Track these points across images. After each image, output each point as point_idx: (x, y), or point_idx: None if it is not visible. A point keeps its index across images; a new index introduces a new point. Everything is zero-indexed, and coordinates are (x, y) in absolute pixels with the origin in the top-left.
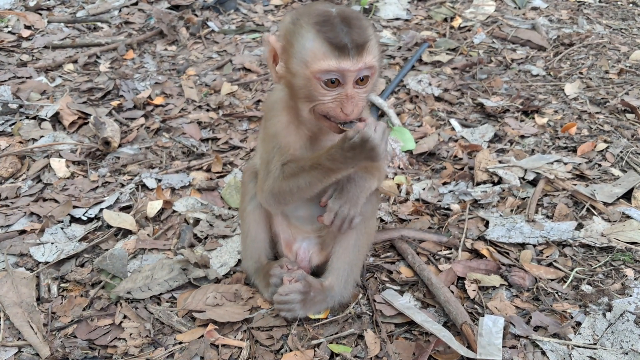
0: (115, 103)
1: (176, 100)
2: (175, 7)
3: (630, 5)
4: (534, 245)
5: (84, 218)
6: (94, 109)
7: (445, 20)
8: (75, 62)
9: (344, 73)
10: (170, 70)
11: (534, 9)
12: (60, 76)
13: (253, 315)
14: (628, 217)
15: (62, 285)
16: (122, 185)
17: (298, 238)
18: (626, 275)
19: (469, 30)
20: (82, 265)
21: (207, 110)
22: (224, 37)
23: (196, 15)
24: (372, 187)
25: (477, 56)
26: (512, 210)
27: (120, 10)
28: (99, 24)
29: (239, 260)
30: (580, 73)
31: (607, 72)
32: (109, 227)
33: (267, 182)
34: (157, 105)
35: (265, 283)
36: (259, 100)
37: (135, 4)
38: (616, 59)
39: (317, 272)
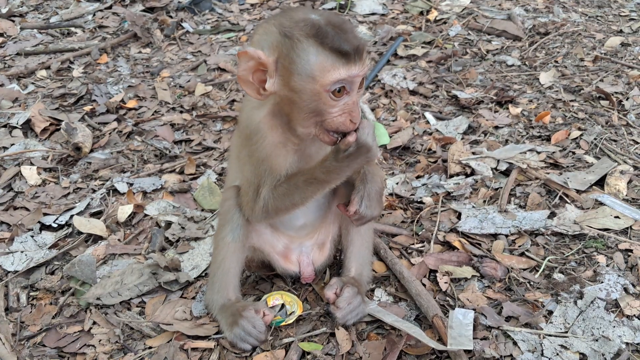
0: (88, 108)
1: (149, 102)
2: (150, 10)
3: None
4: (506, 236)
5: (55, 225)
6: (66, 114)
7: (422, 13)
8: (48, 68)
9: (353, 80)
10: (144, 72)
11: None
12: (32, 83)
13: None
14: (601, 204)
15: (32, 293)
16: (94, 191)
17: (293, 247)
18: (598, 262)
19: (445, 22)
20: (52, 273)
21: (181, 112)
22: (199, 37)
23: (170, 17)
24: (384, 177)
25: (452, 48)
26: (484, 202)
27: (94, 15)
28: (72, 29)
29: None
30: (556, 62)
31: (582, 59)
32: (80, 233)
33: (258, 203)
34: (130, 109)
35: (230, 321)
36: (233, 100)
37: (109, 7)
38: (591, 46)
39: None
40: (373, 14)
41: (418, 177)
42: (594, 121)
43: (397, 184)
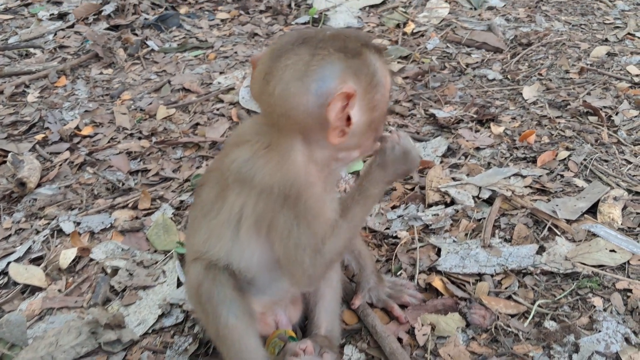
0: (40, 137)
1: (106, 129)
2: (115, 27)
3: None
4: (491, 275)
5: None
6: (15, 144)
7: (398, 26)
8: (1, 93)
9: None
10: (104, 96)
11: (490, 8)
12: None
13: None
14: (594, 235)
15: None
16: (37, 232)
17: (268, 311)
18: (594, 306)
19: (422, 35)
20: None
21: (139, 138)
22: (164, 56)
23: (136, 35)
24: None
25: (430, 63)
26: (466, 235)
27: (55, 34)
28: (31, 50)
29: (160, 316)
30: (540, 74)
31: (567, 71)
32: (16, 284)
33: (321, 261)
34: (84, 136)
35: None
36: (196, 124)
37: (72, 26)
38: (576, 57)
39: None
40: (348, 27)
41: (394, 207)
42: (582, 139)
43: (370, 216)
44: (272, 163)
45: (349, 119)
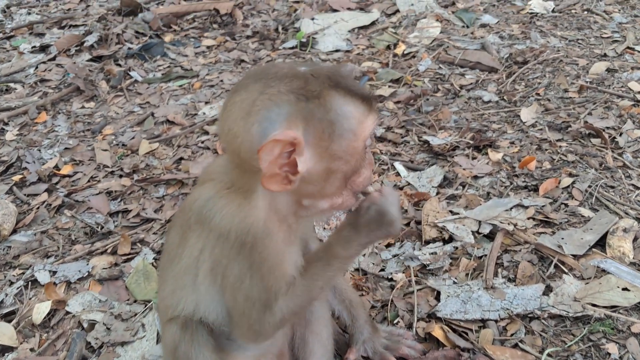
0: (17, 177)
1: (86, 167)
2: (98, 58)
3: (585, 12)
4: (496, 321)
5: None
6: None
7: (389, 47)
8: None
9: (374, 127)
10: (85, 131)
11: (483, 26)
12: None
13: None
14: (604, 271)
15: None
16: (11, 283)
17: None
18: (609, 353)
19: (414, 57)
20: None
21: (120, 176)
22: (148, 86)
23: (119, 65)
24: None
25: (422, 86)
26: (467, 275)
27: (36, 68)
28: (12, 84)
29: None
30: (537, 94)
31: (566, 90)
32: None
33: (270, 319)
34: (64, 176)
35: None
36: (180, 158)
37: (53, 58)
38: (575, 74)
39: None
40: (337, 50)
41: (388, 245)
42: (586, 164)
43: (363, 256)
44: (231, 205)
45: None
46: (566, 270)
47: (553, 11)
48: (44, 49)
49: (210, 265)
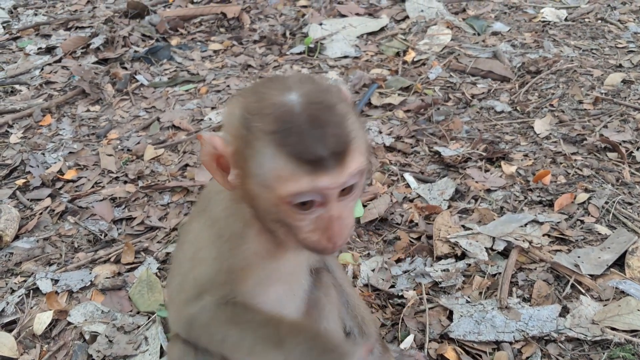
0: (21, 181)
1: (90, 172)
2: (104, 61)
3: (599, 21)
4: (510, 343)
5: None
6: None
7: (398, 54)
8: None
9: (323, 192)
10: (89, 135)
11: (495, 33)
12: None
13: None
14: (623, 292)
15: None
16: (13, 291)
17: None
18: None
19: (424, 64)
20: None
21: (125, 182)
22: (154, 90)
23: (125, 69)
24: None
25: (433, 95)
26: (480, 294)
27: (42, 69)
28: (17, 86)
29: None
30: (551, 105)
31: (580, 102)
32: None
33: (189, 308)
34: (67, 181)
35: None
36: (186, 165)
37: (59, 60)
38: (589, 85)
39: None
40: (345, 57)
41: (398, 260)
42: (602, 179)
43: (373, 271)
44: (229, 201)
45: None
46: (583, 291)
47: (566, 20)
48: (49, 50)
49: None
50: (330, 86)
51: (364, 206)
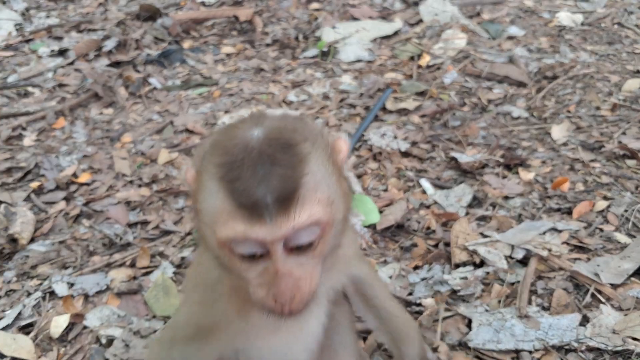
0: (35, 184)
1: (105, 175)
2: (117, 64)
3: (616, 26)
4: (530, 352)
5: None
6: (9, 193)
7: (412, 59)
8: None
9: (261, 243)
10: (103, 138)
11: (510, 38)
12: None
13: None
14: None
15: None
16: (29, 294)
17: None
18: None
19: (439, 68)
20: None
21: (139, 186)
22: (167, 94)
23: (138, 72)
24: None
25: (449, 100)
26: (499, 302)
27: (55, 72)
28: (30, 88)
29: None
30: (568, 111)
31: (598, 108)
32: (3, 356)
33: (162, 349)
34: (82, 184)
35: None
36: None
37: (72, 63)
38: (607, 91)
39: None
40: (359, 60)
41: (416, 267)
42: (621, 186)
43: (390, 278)
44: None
45: None
46: (603, 300)
47: (582, 24)
48: (62, 53)
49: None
50: (305, 126)
51: (380, 212)
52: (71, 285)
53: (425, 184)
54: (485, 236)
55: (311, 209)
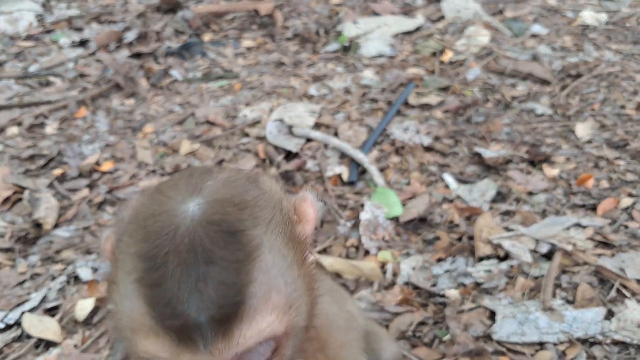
0: (58, 172)
1: (127, 164)
2: (137, 55)
3: None
4: (554, 344)
5: (2, 325)
6: (32, 180)
7: (434, 54)
8: (19, 124)
9: None
10: (125, 128)
11: (534, 36)
12: (1, 142)
13: None
14: None
15: None
16: (53, 278)
17: None
18: None
19: (461, 65)
20: None
21: (162, 175)
22: (188, 86)
23: (158, 64)
24: None
25: (472, 95)
26: (523, 295)
27: (76, 62)
28: (51, 78)
29: None
30: (592, 109)
31: (623, 107)
32: (29, 337)
33: None
34: (104, 172)
35: None
36: (222, 160)
37: (93, 54)
38: (632, 90)
39: None
40: (380, 56)
41: (439, 260)
42: None
43: (413, 269)
44: None
45: None
46: (628, 295)
47: (606, 24)
48: (83, 43)
49: None
50: (259, 194)
51: (403, 205)
52: (95, 270)
53: (449, 178)
54: (509, 230)
55: (262, 322)
